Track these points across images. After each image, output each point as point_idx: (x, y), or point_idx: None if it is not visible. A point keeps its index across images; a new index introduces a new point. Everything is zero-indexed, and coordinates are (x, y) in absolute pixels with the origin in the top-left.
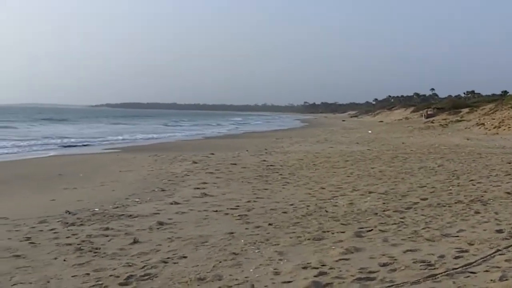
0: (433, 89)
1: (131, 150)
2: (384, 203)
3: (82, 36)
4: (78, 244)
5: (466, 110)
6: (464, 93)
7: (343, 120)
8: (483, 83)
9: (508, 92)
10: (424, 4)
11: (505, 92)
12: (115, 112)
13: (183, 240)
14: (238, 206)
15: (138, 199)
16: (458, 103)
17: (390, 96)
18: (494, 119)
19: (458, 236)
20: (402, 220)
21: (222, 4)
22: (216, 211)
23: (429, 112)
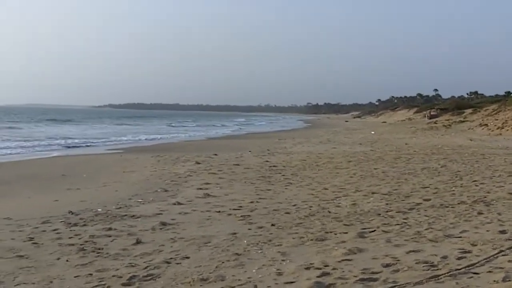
0: (436, 89)
1: (134, 151)
2: (387, 204)
3: (84, 36)
4: (81, 245)
5: (469, 110)
6: (467, 93)
7: (346, 121)
8: (486, 84)
9: (511, 93)
10: (424, 4)
11: (508, 93)
12: (118, 112)
13: (186, 240)
14: (241, 207)
15: (141, 200)
16: (461, 103)
17: (393, 96)
18: (497, 119)
19: (461, 237)
20: (405, 220)
21: (223, 4)
22: (219, 211)
23: (432, 113)
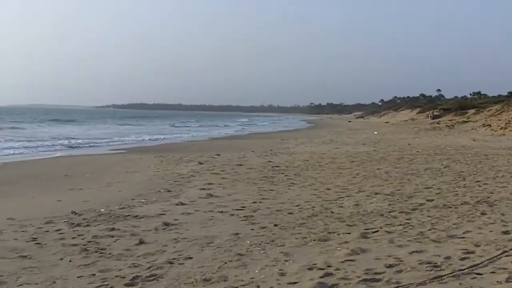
0: (439, 90)
1: (137, 151)
2: (390, 204)
3: (86, 36)
4: (84, 245)
5: (473, 111)
6: (470, 94)
7: (349, 121)
8: (489, 84)
9: None
10: (425, 4)
11: (511, 93)
12: (121, 113)
13: (189, 241)
14: (244, 207)
15: (144, 200)
16: (465, 104)
17: (396, 97)
18: (500, 120)
19: (464, 237)
20: (408, 221)
21: (226, 4)
22: (222, 212)
23: (435, 113)
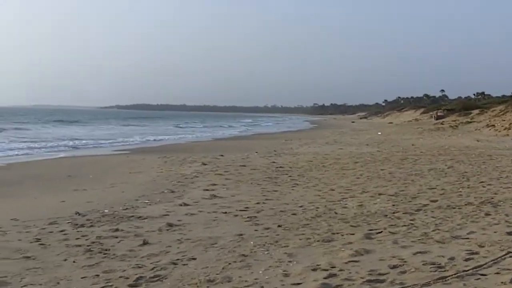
0: (443, 90)
1: (141, 152)
2: (393, 205)
3: (88, 36)
4: (88, 246)
5: (476, 111)
6: (474, 94)
7: (353, 122)
8: (493, 84)
9: None
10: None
11: None
12: (125, 113)
13: (193, 241)
14: (248, 208)
15: (148, 201)
16: (468, 104)
17: (399, 97)
18: (504, 120)
19: (468, 238)
20: (412, 222)
21: (226, 4)
22: (226, 212)
23: (439, 114)
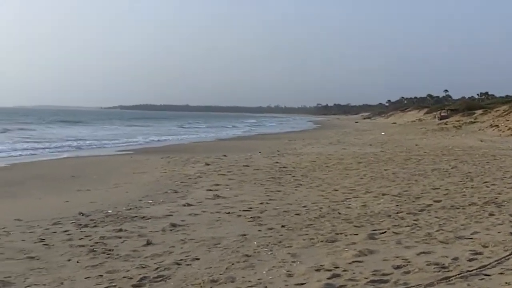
0: (446, 90)
1: (144, 152)
2: (397, 205)
3: (91, 37)
4: (91, 246)
5: (480, 111)
6: (477, 94)
7: (356, 122)
8: (496, 85)
9: None
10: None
11: None
12: (128, 114)
13: (196, 242)
14: (251, 208)
15: (151, 201)
16: (472, 104)
17: (403, 97)
18: (508, 120)
19: (472, 238)
20: (416, 222)
21: (226, 4)
22: (229, 213)
23: (442, 114)
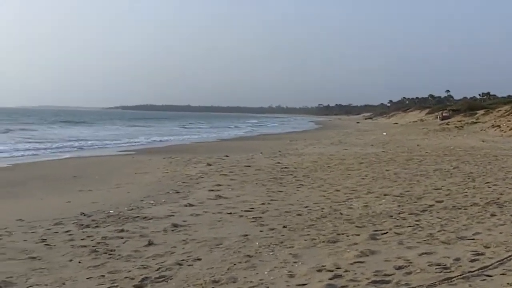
0: (448, 90)
1: (146, 152)
2: (399, 206)
3: (91, 37)
4: (93, 246)
5: (482, 112)
6: (479, 94)
7: (358, 122)
8: (498, 85)
9: None
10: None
11: None
12: (129, 114)
13: (198, 242)
14: (253, 208)
15: (153, 201)
16: (474, 105)
17: (404, 98)
18: (510, 120)
19: (474, 239)
20: (418, 222)
21: (226, 3)
22: (231, 213)
23: (444, 114)
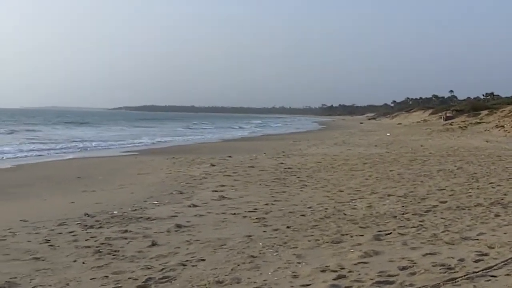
0: (451, 91)
1: (149, 153)
2: (403, 206)
3: (98, 38)
4: (97, 247)
5: (486, 112)
6: (483, 95)
7: (361, 123)
8: (502, 85)
9: None
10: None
11: None
12: (133, 115)
13: (201, 243)
14: (256, 209)
15: (157, 202)
16: (477, 105)
17: (408, 98)
18: None
19: (478, 239)
20: (421, 223)
21: (235, 6)
22: (234, 213)
23: (448, 114)
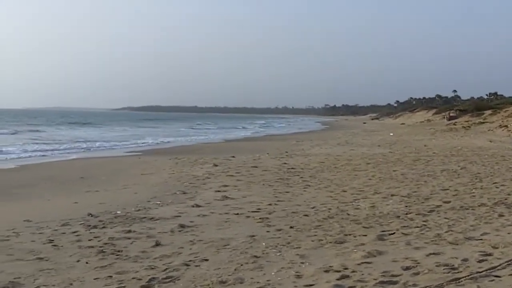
0: (455, 91)
1: (153, 153)
2: (406, 206)
3: (100, 38)
4: (100, 247)
5: (489, 112)
6: (486, 94)
7: (364, 123)
8: (506, 85)
9: None
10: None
11: None
12: (136, 115)
13: (205, 243)
14: (259, 209)
15: (160, 202)
16: (481, 105)
17: (411, 98)
18: None
19: (481, 239)
20: (425, 223)
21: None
22: (237, 214)
23: (451, 114)
